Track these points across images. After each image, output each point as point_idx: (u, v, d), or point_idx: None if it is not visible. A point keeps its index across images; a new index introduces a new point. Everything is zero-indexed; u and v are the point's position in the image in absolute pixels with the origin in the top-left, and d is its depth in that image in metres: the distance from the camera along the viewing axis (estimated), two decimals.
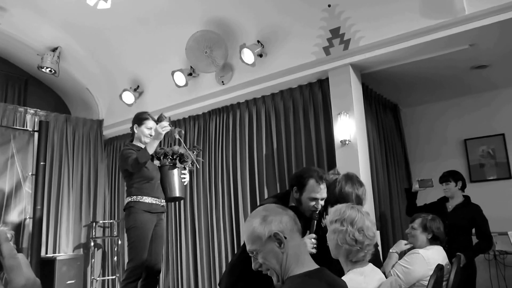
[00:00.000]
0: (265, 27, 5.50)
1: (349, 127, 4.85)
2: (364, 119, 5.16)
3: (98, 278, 7.11)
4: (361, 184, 3.18)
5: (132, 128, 4.20)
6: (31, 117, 6.80)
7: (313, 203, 2.90)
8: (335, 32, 5.04)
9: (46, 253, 6.48)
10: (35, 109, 6.88)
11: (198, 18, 5.75)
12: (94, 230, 7.09)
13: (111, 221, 7.39)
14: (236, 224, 5.77)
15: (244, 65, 5.56)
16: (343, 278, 2.05)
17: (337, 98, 5.04)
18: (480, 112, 6.29)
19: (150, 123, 4.15)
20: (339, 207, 2.26)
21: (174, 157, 4.18)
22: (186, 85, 6.14)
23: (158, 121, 4.05)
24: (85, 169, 7.30)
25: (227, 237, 5.84)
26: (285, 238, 1.69)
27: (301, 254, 1.71)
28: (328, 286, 1.64)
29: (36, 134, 6.55)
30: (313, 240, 2.75)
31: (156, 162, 4.16)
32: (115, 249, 7.13)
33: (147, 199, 3.94)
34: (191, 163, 4.26)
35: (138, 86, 6.91)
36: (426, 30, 4.45)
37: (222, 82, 5.95)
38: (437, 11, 4.37)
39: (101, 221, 7.33)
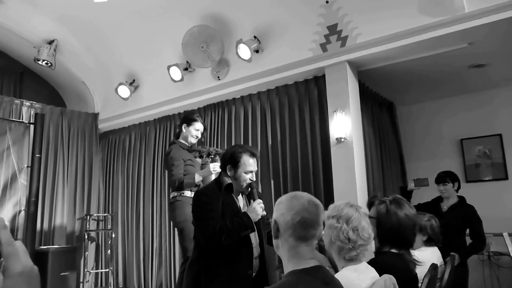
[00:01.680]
0: (262, 22, 5.46)
1: (345, 124, 4.82)
2: (360, 117, 5.14)
3: (91, 271, 7.13)
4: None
5: (180, 126, 4.35)
6: (27, 110, 6.79)
7: (249, 175, 3.16)
8: (333, 29, 5.01)
9: (40, 245, 6.46)
10: (31, 102, 6.87)
11: (195, 13, 5.72)
12: (88, 223, 7.09)
13: (105, 214, 7.39)
14: None
15: (240, 61, 5.53)
16: (336, 274, 2.04)
17: (333, 95, 5.01)
18: (477, 112, 6.25)
19: (198, 125, 4.33)
20: (338, 204, 2.24)
21: (216, 157, 4.32)
22: (182, 79, 6.12)
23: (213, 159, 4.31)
24: (79, 162, 7.30)
25: None
26: (278, 230, 1.73)
27: (300, 253, 1.70)
28: (323, 284, 1.64)
29: (31, 127, 6.53)
30: (261, 205, 3.07)
31: (199, 160, 4.34)
32: (109, 242, 7.13)
33: (191, 194, 4.12)
34: None
35: (134, 80, 6.89)
36: (424, 28, 4.41)
37: (218, 77, 5.92)
38: (436, 8, 4.32)
39: (95, 214, 7.33)
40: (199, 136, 4.36)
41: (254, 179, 3.23)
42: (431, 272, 2.35)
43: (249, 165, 3.16)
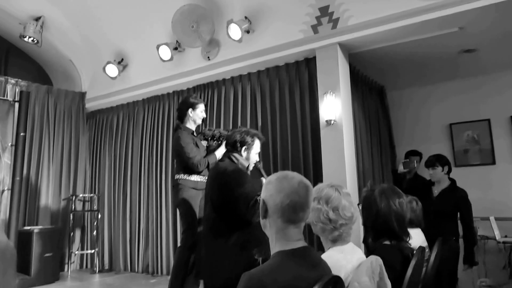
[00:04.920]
0: (253, 2, 5.40)
1: (334, 107, 4.80)
2: (350, 100, 5.12)
3: (76, 252, 7.08)
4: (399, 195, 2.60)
5: (184, 111, 4.43)
6: (11, 87, 6.66)
7: (256, 156, 3.64)
8: (324, 11, 4.97)
9: (24, 226, 6.38)
10: (16, 79, 6.73)
11: None
12: (73, 203, 7.02)
13: (91, 195, 7.33)
14: None
15: (230, 41, 5.47)
16: (322, 255, 2.02)
17: (323, 77, 4.98)
18: (466, 97, 6.29)
19: (202, 106, 4.52)
20: (320, 185, 2.22)
21: (221, 139, 4.41)
22: (171, 59, 6.05)
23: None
24: (66, 142, 7.19)
25: None
26: (267, 210, 1.69)
27: (288, 234, 1.67)
28: (311, 265, 1.62)
29: (16, 105, 6.44)
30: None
31: (204, 143, 4.46)
32: (95, 223, 7.07)
33: (194, 177, 4.26)
34: None
35: (122, 59, 6.80)
36: (416, 11, 4.39)
37: (208, 57, 5.85)
38: None
39: (81, 195, 7.26)
40: (205, 115, 4.54)
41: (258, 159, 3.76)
42: (418, 255, 2.34)
43: (258, 148, 3.64)
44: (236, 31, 5.32)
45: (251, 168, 3.71)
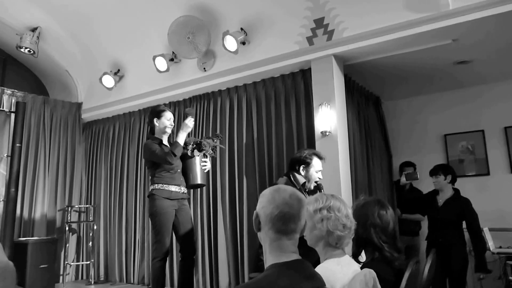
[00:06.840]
0: (249, 14, 5.43)
1: (330, 118, 4.82)
2: (345, 111, 5.14)
3: (72, 263, 7.05)
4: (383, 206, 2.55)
5: (151, 122, 4.40)
6: (8, 98, 6.66)
7: (318, 174, 3.91)
8: (319, 22, 5.00)
9: (20, 237, 6.37)
10: (12, 90, 6.74)
11: (182, 3, 5.68)
12: (69, 214, 7.00)
13: (87, 205, 7.31)
14: (213, 212, 5.73)
15: (226, 52, 5.50)
16: (319, 266, 2.03)
17: (319, 88, 5.00)
18: (461, 108, 6.33)
19: (168, 114, 4.41)
20: (317, 197, 2.24)
21: (194, 146, 4.39)
22: (167, 70, 6.07)
23: (186, 115, 4.38)
24: (62, 153, 7.18)
25: (204, 225, 5.80)
26: (260, 223, 1.71)
27: (281, 246, 1.67)
28: (305, 278, 1.61)
29: (12, 115, 6.46)
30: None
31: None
32: (90, 234, 7.05)
33: (168, 187, 4.23)
34: (211, 149, 4.46)
35: (118, 70, 6.81)
36: (410, 23, 4.43)
37: (204, 68, 5.88)
38: (422, 4, 4.35)
39: (76, 206, 7.25)
40: (173, 124, 4.46)
41: (321, 177, 3.93)
42: (412, 267, 2.34)
43: (319, 166, 3.90)
44: (232, 42, 5.36)
45: (311, 186, 3.86)
